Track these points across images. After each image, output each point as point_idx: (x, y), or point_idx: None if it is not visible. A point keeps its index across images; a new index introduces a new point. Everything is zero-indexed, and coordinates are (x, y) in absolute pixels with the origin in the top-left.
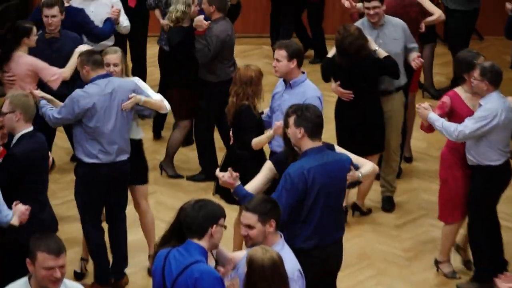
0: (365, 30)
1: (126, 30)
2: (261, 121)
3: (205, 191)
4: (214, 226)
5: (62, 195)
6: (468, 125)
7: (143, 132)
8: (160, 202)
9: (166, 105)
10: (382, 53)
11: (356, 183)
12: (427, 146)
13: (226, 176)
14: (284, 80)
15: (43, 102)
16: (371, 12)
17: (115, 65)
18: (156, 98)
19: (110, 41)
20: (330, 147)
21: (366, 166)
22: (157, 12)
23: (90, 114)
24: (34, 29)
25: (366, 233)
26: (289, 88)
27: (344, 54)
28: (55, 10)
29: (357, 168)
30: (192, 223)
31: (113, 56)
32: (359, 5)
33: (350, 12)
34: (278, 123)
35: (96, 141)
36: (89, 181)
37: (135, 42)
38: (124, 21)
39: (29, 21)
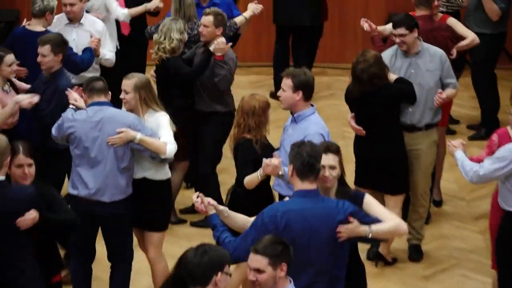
0: (397, 58)
1: (109, 64)
2: (264, 157)
3: (211, 238)
4: (219, 273)
5: None
6: (484, 166)
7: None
8: None
9: (168, 150)
10: (392, 77)
11: (370, 240)
12: (458, 188)
13: (198, 202)
14: (291, 113)
15: (67, 112)
16: (397, 40)
17: (126, 92)
18: (163, 140)
19: (95, 72)
20: (359, 196)
21: (385, 223)
22: None
23: (72, 139)
24: (7, 58)
25: (391, 284)
26: (294, 122)
27: (356, 81)
28: (46, 49)
29: (370, 222)
30: (194, 270)
31: (126, 82)
32: (381, 28)
33: (370, 35)
34: (266, 161)
35: (77, 170)
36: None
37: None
38: (107, 53)
39: (4, 47)
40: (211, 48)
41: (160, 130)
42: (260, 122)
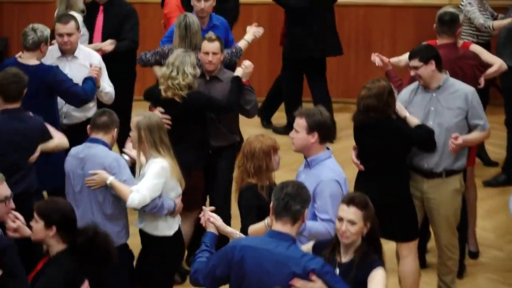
0: (418, 93)
1: (109, 98)
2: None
3: None
4: None
5: None
6: None
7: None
8: None
9: (130, 199)
10: (414, 121)
11: None
12: (496, 238)
13: (201, 214)
14: (304, 157)
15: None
16: (412, 73)
17: (131, 129)
18: (135, 187)
19: (90, 111)
20: (372, 265)
21: None
22: (157, 70)
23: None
24: None
25: None
26: (307, 167)
27: (357, 109)
28: None
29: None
30: None
31: (132, 119)
32: (394, 59)
33: (384, 70)
34: None
35: None
36: None
37: (117, 109)
38: (107, 87)
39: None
40: (239, 73)
41: (142, 177)
42: (259, 166)
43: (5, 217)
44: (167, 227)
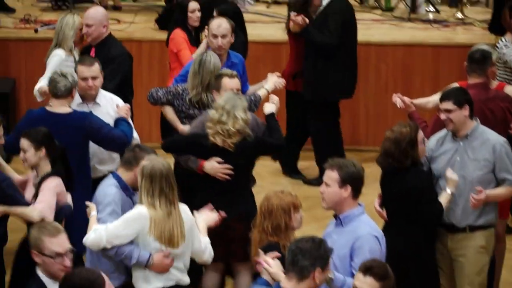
0: (446, 141)
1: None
2: None
3: None
4: None
5: None
6: None
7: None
8: None
9: (85, 237)
10: (442, 198)
11: None
12: None
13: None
14: (334, 215)
15: None
16: (443, 116)
17: None
18: (96, 227)
19: (114, 162)
20: None
21: None
22: (168, 111)
23: None
24: None
25: None
26: (340, 226)
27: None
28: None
29: None
30: None
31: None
32: (420, 100)
33: (407, 112)
34: None
35: None
36: None
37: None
38: (134, 132)
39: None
40: (273, 109)
41: (116, 218)
42: (278, 225)
43: (58, 274)
44: (143, 281)
